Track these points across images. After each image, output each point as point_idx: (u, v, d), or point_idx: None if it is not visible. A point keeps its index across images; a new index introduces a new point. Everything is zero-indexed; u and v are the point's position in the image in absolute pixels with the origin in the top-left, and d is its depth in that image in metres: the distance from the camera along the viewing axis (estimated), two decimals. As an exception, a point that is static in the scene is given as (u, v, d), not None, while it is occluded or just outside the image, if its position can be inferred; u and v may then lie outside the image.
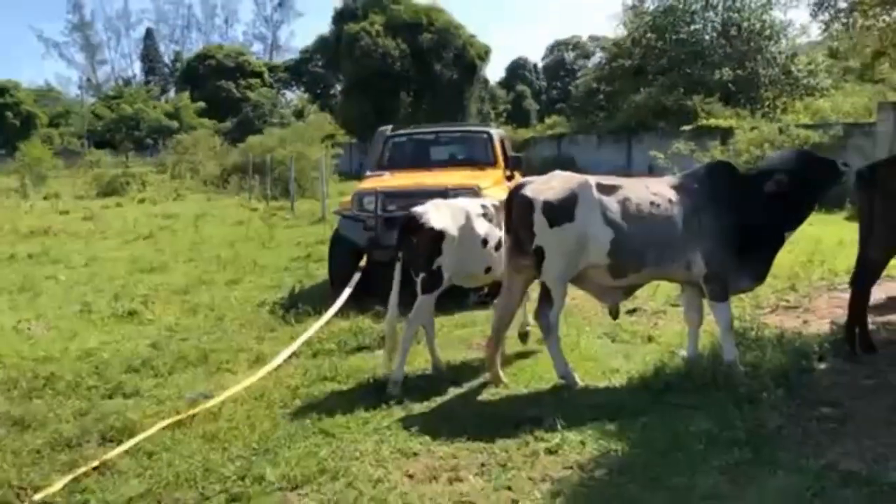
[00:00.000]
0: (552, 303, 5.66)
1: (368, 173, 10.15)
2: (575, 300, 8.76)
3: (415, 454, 4.54)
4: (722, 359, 5.72)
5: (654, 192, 5.71)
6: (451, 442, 4.67)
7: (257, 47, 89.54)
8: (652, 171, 24.53)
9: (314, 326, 7.20)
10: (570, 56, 73.94)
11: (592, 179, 5.73)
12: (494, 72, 74.67)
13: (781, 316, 7.79)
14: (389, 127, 10.95)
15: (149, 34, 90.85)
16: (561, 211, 5.50)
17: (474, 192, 8.75)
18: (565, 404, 5.25)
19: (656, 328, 7.42)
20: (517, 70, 73.44)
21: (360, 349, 6.86)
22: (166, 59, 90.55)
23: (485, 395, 5.65)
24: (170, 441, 4.73)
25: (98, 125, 63.62)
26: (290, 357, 6.67)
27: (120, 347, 7.27)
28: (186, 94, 65.37)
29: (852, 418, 4.83)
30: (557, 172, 5.88)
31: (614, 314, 6.22)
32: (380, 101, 42.69)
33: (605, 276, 5.68)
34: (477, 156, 10.38)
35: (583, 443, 4.59)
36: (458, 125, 12.02)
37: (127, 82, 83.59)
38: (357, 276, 8.33)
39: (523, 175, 11.82)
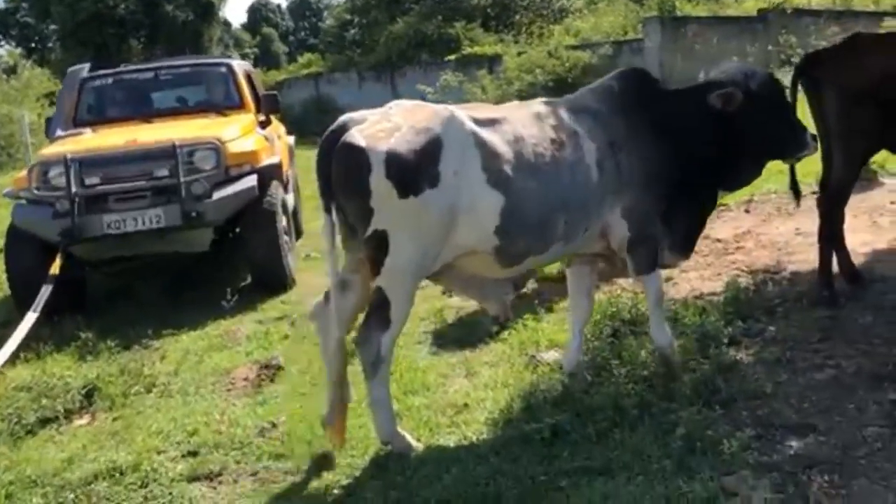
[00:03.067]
0: (389, 321, 3.36)
1: (59, 132, 7.12)
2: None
3: None
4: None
5: (553, 122, 3.60)
6: None
7: (-50, -3, 76.23)
8: (421, 106, 22.81)
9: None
10: (314, -6, 70.37)
11: (461, 111, 3.46)
12: (236, 15, 69.49)
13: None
14: (86, 66, 7.87)
15: None
16: (417, 169, 3.24)
17: (214, 147, 6.18)
18: (399, 499, 3.08)
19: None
20: (259, 12, 68.67)
21: (45, 423, 4.18)
22: None
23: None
24: None
25: None
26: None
27: None
28: None
29: (849, 460, 3.08)
30: (402, 102, 3.54)
31: (503, 319, 4.10)
32: (105, 50, 37.19)
33: (492, 264, 3.54)
34: (216, 97, 7.71)
35: None
36: (186, 59, 9.16)
37: None
38: (47, 291, 5.54)
39: (284, 120, 9.35)
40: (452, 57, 23.29)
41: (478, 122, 3.43)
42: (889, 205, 7.11)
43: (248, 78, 8.01)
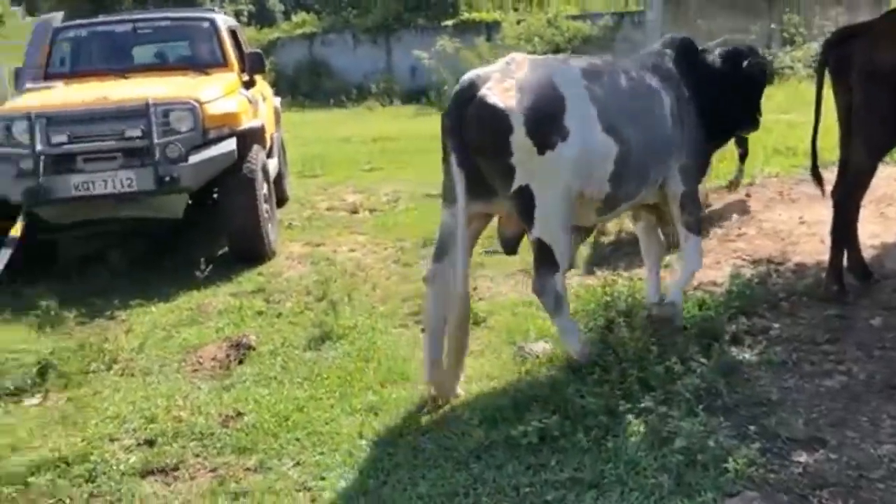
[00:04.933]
0: (556, 263, 3.50)
1: (28, 85, 6.71)
2: (349, 253, 6.29)
3: None
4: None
5: (638, 77, 3.85)
6: None
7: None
8: (415, 72, 22.34)
9: None
10: (313, -49, 68.91)
11: (572, 63, 3.69)
12: (232, -32, 67.70)
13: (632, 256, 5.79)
14: (58, 15, 7.43)
15: None
16: (551, 125, 3.38)
17: (191, 107, 5.81)
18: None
19: (478, 296, 5.13)
20: (257, -34, 67.29)
21: (-8, 400, 3.88)
22: None
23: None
24: None
25: None
26: None
27: None
28: None
29: (865, 483, 2.81)
30: (516, 57, 3.55)
31: (570, 266, 4.18)
32: (97, 3, 36.31)
33: (591, 211, 3.75)
34: (198, 54, 7.28)
35: None
36: (168, 12, 8.71)
37: None
38: (6, 255, 5.22)
39: (277, 81, 8.93)
40: (450, 22, 22.76)
41: (587, 74, 3.58)
42: (898, 195, 6.82)
43: (233, 34, 7.59)
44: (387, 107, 19.81)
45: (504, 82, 3.35)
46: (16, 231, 5.37)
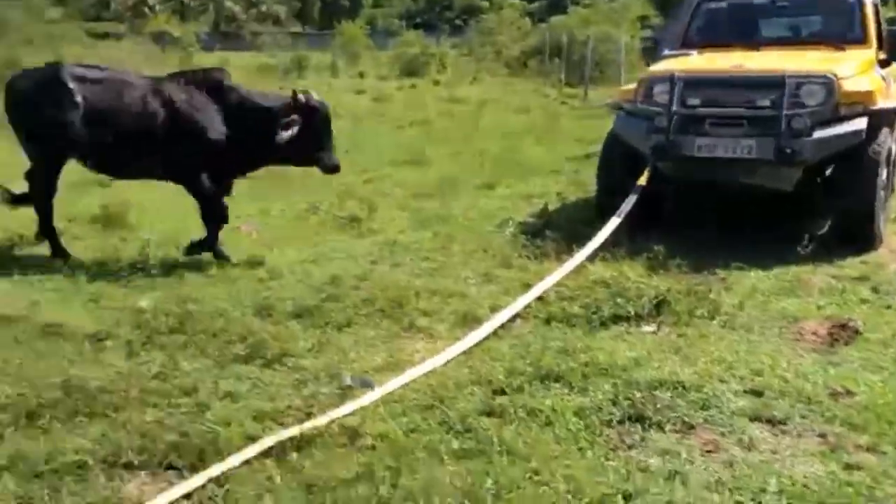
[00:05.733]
0: None
1: (667, 52, 7.33)
2: None
3: None
4: None
5: None
6: None
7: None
8: None
9: (552, 276, 4.94)
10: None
11: None
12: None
13: None
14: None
15: None
16: None
17: (826, 82, 5.71)
18: None
19: None
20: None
21: (617, 319, 4.47)
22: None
23: None
24: (254, 487, 2.83)
25: (414, 6, 66.08)
26: (511, 319, 4.53)
27: (312, 271, 5.60)
28: (494, -28, 64.65)
29: None
30: None
31: None
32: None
33: None
34: (833, 29, 7.05)
35: None
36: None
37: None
38: (632, 200, 5.89)
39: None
40: None
41: None
42: None
43: (876, 9, 7.14)
44: None
45: None
46: (642, 181, 6.01)
